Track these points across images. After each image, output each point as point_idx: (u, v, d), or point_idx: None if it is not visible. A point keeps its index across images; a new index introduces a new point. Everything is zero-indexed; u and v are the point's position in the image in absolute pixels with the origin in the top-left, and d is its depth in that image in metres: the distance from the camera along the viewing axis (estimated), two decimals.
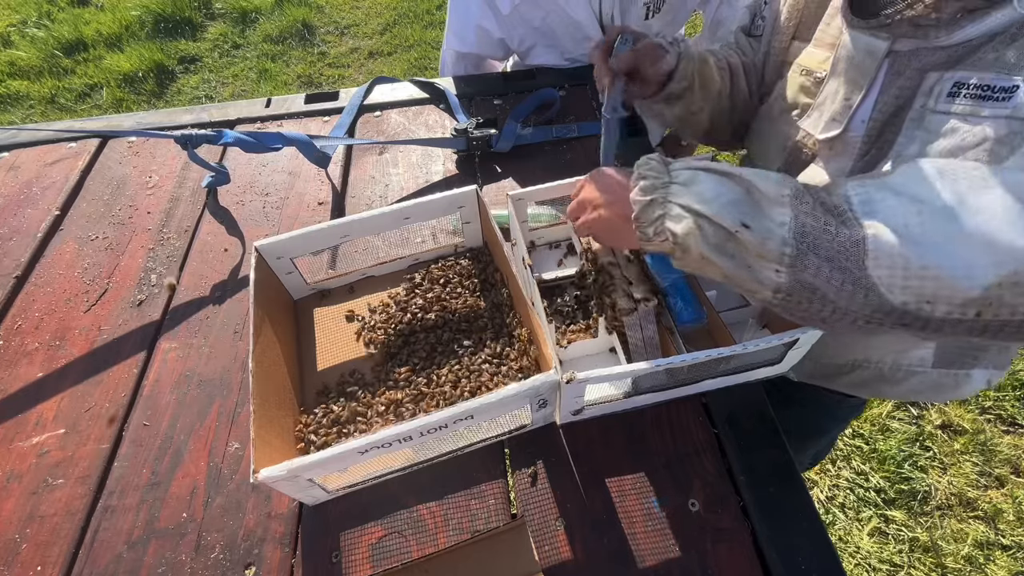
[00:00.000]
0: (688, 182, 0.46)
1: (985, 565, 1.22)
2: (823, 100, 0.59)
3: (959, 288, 0.37)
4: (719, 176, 0.46)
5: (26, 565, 0.54)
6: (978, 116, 0.45)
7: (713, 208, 0.44)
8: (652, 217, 0.47)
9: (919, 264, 0.38)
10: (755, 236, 0.42)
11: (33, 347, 0.70)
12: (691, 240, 0.45)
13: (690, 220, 0.45)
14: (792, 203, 0.42)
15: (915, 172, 0.41)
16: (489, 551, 0.51)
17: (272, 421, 0.53)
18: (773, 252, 0.42)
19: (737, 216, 0.43)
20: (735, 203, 0.44)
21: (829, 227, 0.41)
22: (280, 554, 0.54)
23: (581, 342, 0.63)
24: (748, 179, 0.45)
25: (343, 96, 1.01)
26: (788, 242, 0.41)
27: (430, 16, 2.77)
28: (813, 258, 0.41)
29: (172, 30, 2.76)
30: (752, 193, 0.44)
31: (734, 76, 0.72)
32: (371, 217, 0.64)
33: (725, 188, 0.45)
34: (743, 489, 0.56)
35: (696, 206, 0.44)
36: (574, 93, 1.01)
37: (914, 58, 0.50)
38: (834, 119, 0.57)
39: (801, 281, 0.42)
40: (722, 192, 0.44)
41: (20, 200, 0.88)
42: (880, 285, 0.39)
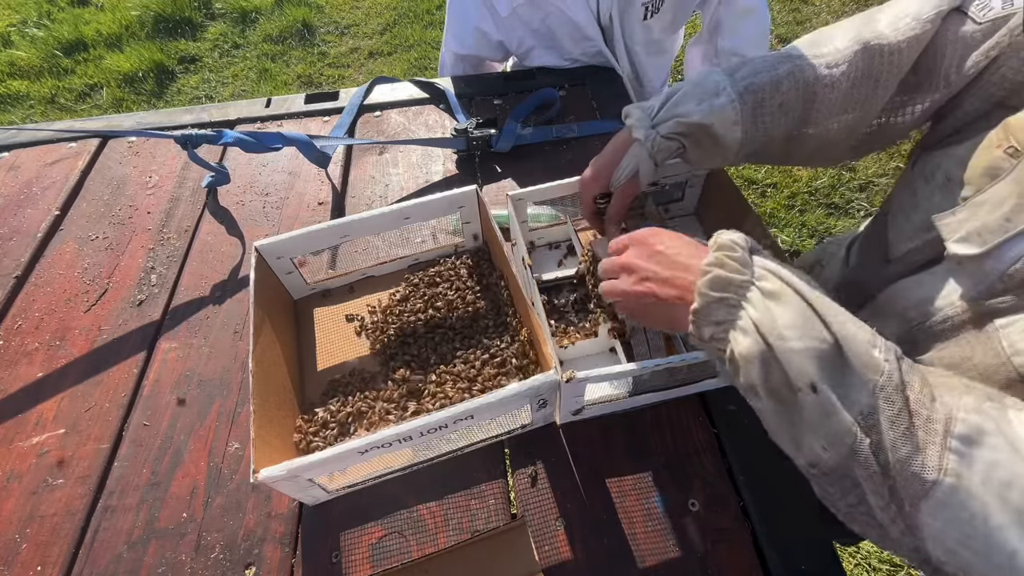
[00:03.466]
0: (772, 295, 0.37)
1: None
2: (984, 201, 0.42)
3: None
4: (810, 311, 0.36)
5: (26, 565, 0.54)
6: None
7: (786, 347, 0.35)
8: (715, 319, 0.39)
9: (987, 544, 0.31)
10: (819, 406, 0.34)
11: (33, 347, 0.70)
12: (750, 368, 0.37)
13: (756, 343, 0.36)
14: (881, 393, 0.34)
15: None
16: (489, 551, 0.51)
17: (272, 421, 0.53)
18: (832, 434, 0.34)
19: (810, 374, 0.35)
20: (815, 356, 0.35)
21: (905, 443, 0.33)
22: (280, 554, 0.54)
23: (581, 342, 0.63)
24: (844, 332, 0.35)
25: (343, 96, 1.01)
26: (852, 432, 0.33)
27: (430, 16, 2.77)
28: (873, 463, 0.33)
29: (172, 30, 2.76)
30: (841, 353, 0.35)
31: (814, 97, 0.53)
32: (371, 217, 0.64)
33: (812, 331, 0.35)
34: (743, 489, 0.56)
35: (769, 336, 0.36)
36: (574, 93, 1.01)
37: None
38: (979, 234, 0.41)
39: (848, 474, 0.35)
40: (806, 334, 0.35)
41: (20, 200, 0.88)
42: (925, 531, 0.32)
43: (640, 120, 0.56)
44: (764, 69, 0.54)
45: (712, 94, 0.54)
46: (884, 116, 0.55)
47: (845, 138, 0.56)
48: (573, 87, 1.02)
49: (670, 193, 0.75)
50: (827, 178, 1.92)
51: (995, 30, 0.46)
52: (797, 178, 1.95)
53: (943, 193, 0.47)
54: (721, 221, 0.71)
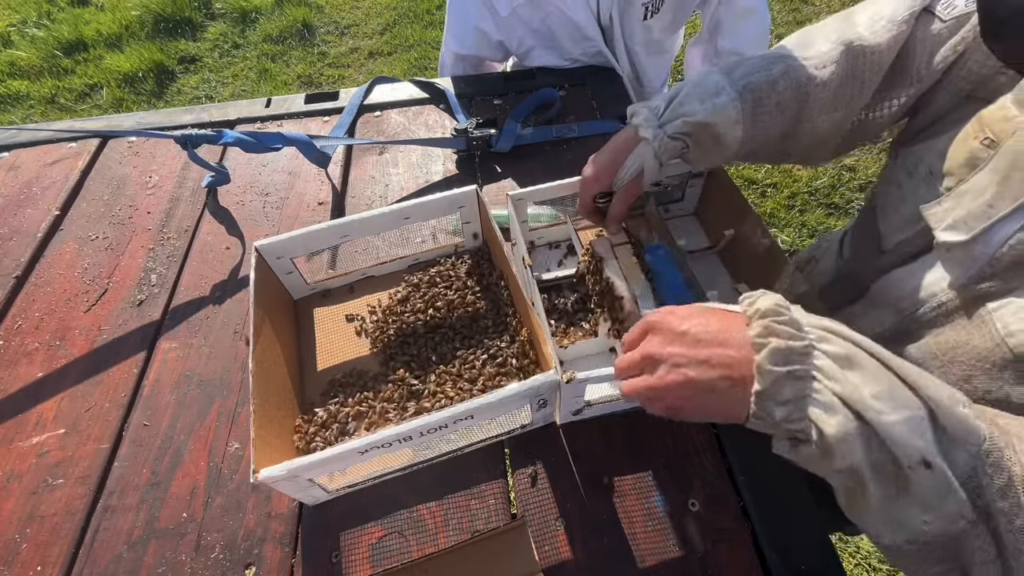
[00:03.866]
0: (845, 361, 0.33)
1: None
2: (966, 190, 0.43)
3: None
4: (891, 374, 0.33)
5: (26, 565, 0.54)
6: None
7: (887, 422, 0.31)
8: (784, 397, 0.34)
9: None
10: (935, 484, 0.31)
11: (33, 347, 0.70)
12: (850, 448, 0.32)
13: (849, 420, 0.32)
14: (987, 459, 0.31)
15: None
16: (489, 551, 0.51)
17: (272, 421, 0.53)
18: (947, 513, 0.31)
19: (920, 449, 0.31)
20: (918, 429, 0.31)
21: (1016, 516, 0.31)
22: (280, 554, 0.54)
23: (581, 342, 0.63)
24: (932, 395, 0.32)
25: (343, 96, 1.01)
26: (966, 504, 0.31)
27: (430, 16, 2.77)
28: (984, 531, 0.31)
29: (172, 30, 2.76)
30: (937, 420, 0.32)
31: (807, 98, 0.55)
32: (371, 217, 0.64)
33: (903, 397, 0.32)
34: (743, 489, 0.56)
35: (861, 409, 0.32)
36: (574, 93, 1.01)
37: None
38: (964, 222, 0.43)
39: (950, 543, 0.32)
40: (902, 405, 0.31)
41: (20, 200, 0.88)
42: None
43: (648, 120, 0.56)
44: (759, 69, 0.55)
45: (713, 94, 0.55)
46: (865, 112, 0.57)
47: (832, 135, 0.59)
48: (573, 87, 1.02)
49: (670, 194, 0.75)
50: (827, 178, 1.92)
51: (960, 27, 0.49)
52: (797, 178, 1.95)
53: (927, 185, 0.49)
54: (721, 221, 0.71)
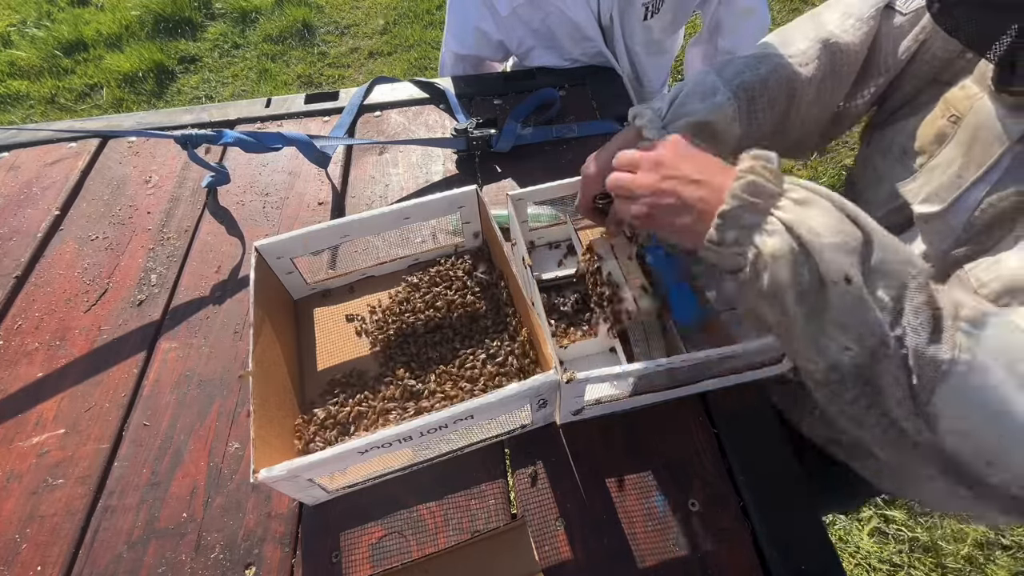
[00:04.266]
0: (803, 202, 0.38)
1: (985, 565, 1.22)
2: (936, 164, 0.48)
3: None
4: (840, 213, 0.37)
5: (26, 565, 0.54)
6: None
7: (821, 244, 0.36)
8: (743, 223, 0.39)
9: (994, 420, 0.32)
10: (852, 299, 0.35)
11: (33, 347, 0.70)
12: (779, 266, 0.37)
13: (787, 242, 0.37)
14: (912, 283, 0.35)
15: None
16: (489, 551, 0.51)
17: (272, 421, 0.53)
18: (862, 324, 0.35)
19: (844, 266, 0.35)
20: (849, 249, 0.36)
21: (923, 329, 0.34)
22: (280, 554, 0.54)
23: (581, 342, 0.63)
24: (873, 228, 0.37)
25: (343, 96, 1.01)
26: (881, 323, 0.34)
27: (430, 16, 2.77)
28: (898, 355, 0.35)
29: (172, 30, 2.76)
30: (872, 249, 0.36)
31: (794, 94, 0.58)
32: (371, 217, 0.64)
33: (845, 228, 0.36)
34: (743, 489, 0.56)
35: (802, 232, 0.36)
36: (574, 93, 1.01)
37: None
38: (938, 194, 0.47)
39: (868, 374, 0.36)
40: (841, 231, 0.36)
41: (20, 200, 0.88)
42: (942, 420, 0.34)
43: (652, 121, 0.57)
44: (748, 68, 0.58)
45: (711, 93, 0.56)
46: (841, 104, 0.62)
47: (815, 128, 0.62)
48: (573, 87, 1.02)
49: None
50: (827, 178, 1.92)
51: (919, 18, 0.53)
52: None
53: (901, 164, 0.52)
54: None
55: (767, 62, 0.57)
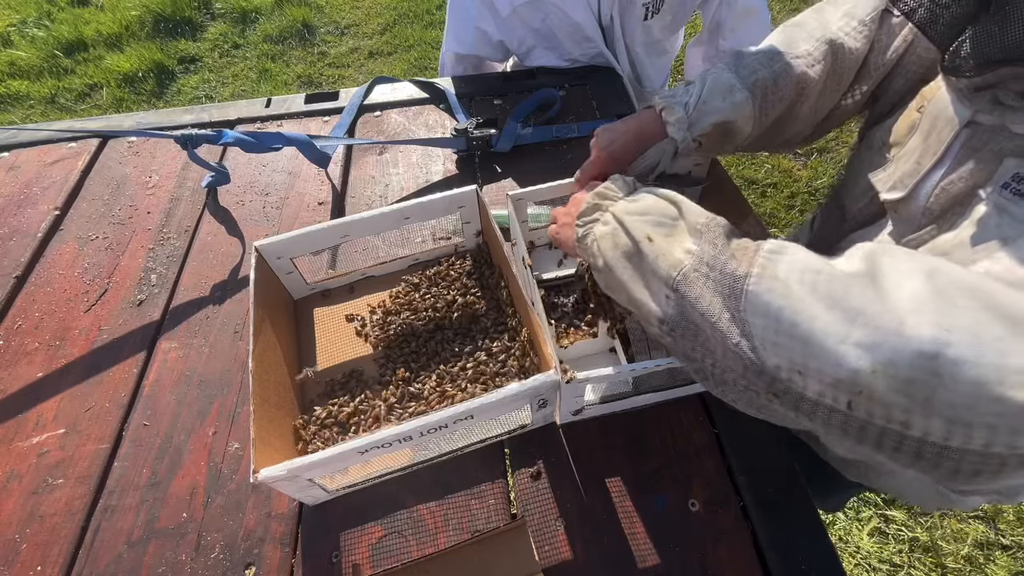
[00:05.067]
0: (631, 199, 0.48)
1: (985, 565, 1.22)
2: (904, 153, 0.50)
3: (829, 362, 0.33)
4: (658, 197, 0.47)
5: (26, 565, 0.54)
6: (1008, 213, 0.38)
7: (632, 217, 0.46)
8: (588, 216, 0.50)
9: (791, 320, 0.34)
10: (655, 250, 0.43)
11: (33, 347, 0.70)
12: (605, 243, 0.47)
13: (610, 224, 0.47)
14: (708, 230, 0.42)
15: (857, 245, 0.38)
16: (489, 551, 0.51)
17: (272, 421, 0.53)
18: (663, 271, 0.42)
19: (648, 228, 0.44)
20: (656, 218, 0.45)
21: (723, 254, 0.40)
22: (280, 554, 0.54)
23: (581, 342, 0.63)
24: (683, 205, 0.45)
25: (343, 96, 1.01)
26: (681, 265, 0.41)
27: (430, 16, 2.77)
28: (699, 284, 0.40)
29: (172, 30, 2.76)
30: (679, 215, 0.45)
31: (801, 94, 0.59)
32: (371, 217, 0.64)
33: (657, 205, 0.46)
34: (743, 489, 0.56)
35: (621, 216, 0.47)
36: (574, 93, 1.01)
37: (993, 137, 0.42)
38: (902, 181, 0.49)
39: (685, 314, 0.41)
40: (650, 207, 0.46)
41: (20, 200, 0.88)
42: (755, 333, 0.36)
43: (680, 121, 0.58)
44: (760, 67, 0.58)
45: (729, 91, 0.57)
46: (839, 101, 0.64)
47: (808, 126, 0.64)
48: (573, 87, 1.02)
49: None
50: (827, 178, 1.92)
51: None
52: (797, 178, 1.95)
53: (879, 156, 0.55)
54: None
55: (778, 61, 0.58)
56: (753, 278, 0.37)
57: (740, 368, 0.38)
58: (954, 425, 0.30)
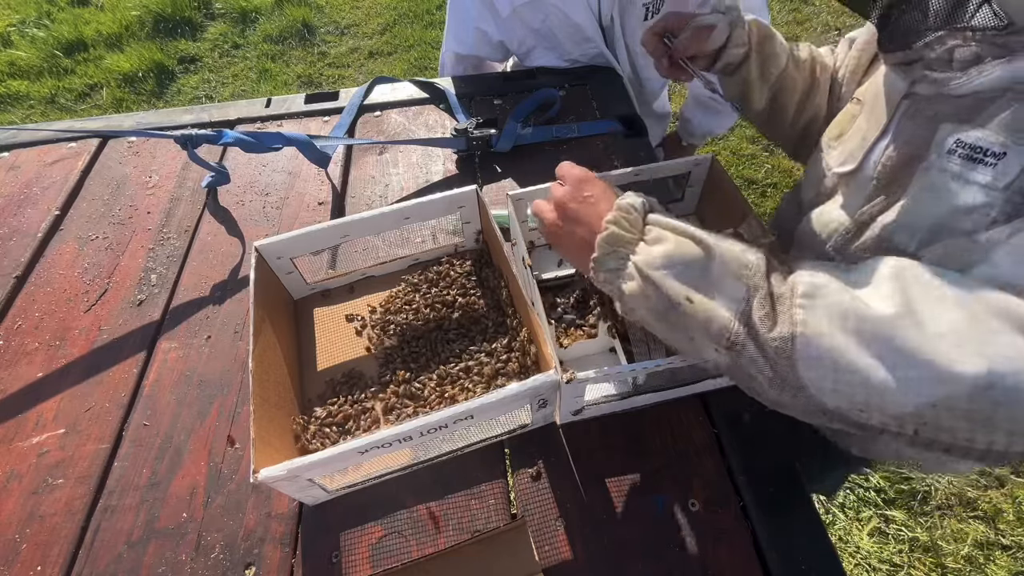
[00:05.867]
0: (655, 240, 0.44)
1: (985, 565, 1.22)
2: (852, 133, 0.56)
3: (891, 403, 0.35)
4: (683, 238, 0.44)
5: (26, 565, 0.54)
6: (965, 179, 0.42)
7: (662, 274, 0.43)
8: (608, 267, 0.46)
9: (847, 370, 0.36)
10: (699, 311, 0.41)
11: (33, 347, 0.70)
12: (636, 301, 0.44)
13: (638, 284, 0.44)
14: (750, 280, 0.40)
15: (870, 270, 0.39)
16: (489, 551, 0.51)
17: (272, 421, 0.53)
18: (715, 331, 0.41)
19: (684, 287, 0.42)
20: (687, 270, 0.42)
21: (767, 318, 0.39)
22: (280, 554, 0.54)
23: (581, 342, 0.63)
24: (714, 242, 0.43)
25: (343, 96, 1.01)
26: (731, 325, 0.40)
27: (430, 16, 2.77)
28: (751, 346, 0.40)
29: (172, 30, 2.76)
30: (711, 261, 0.42)
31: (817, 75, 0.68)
32: (371, 217, 0.64)
33: (684, 250, 0.43)
34: (743, 489, 0.56)
35: (647, 270, 0.43)
36: (574, 93, 1.01)
37: (929, 105, 0.46)
38: (852, 155, 0.54)
39: (740, 367, 0.41)
40: (673, 253, 0.43)
41: (20, 200, 0.88)
42: (810, 386, 0.38)
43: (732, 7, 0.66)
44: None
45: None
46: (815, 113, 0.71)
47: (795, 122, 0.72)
48: (573, 87, 1.02)
49: (671, 193, 0.75)
50: None
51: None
52: (797, 178, 1.95)
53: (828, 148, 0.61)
54: (721, 221, 0.71)
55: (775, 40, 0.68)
56: (799, 339, 0.37)
57: (800, 408, 0.40)
58: (1015, 436, 0.34)
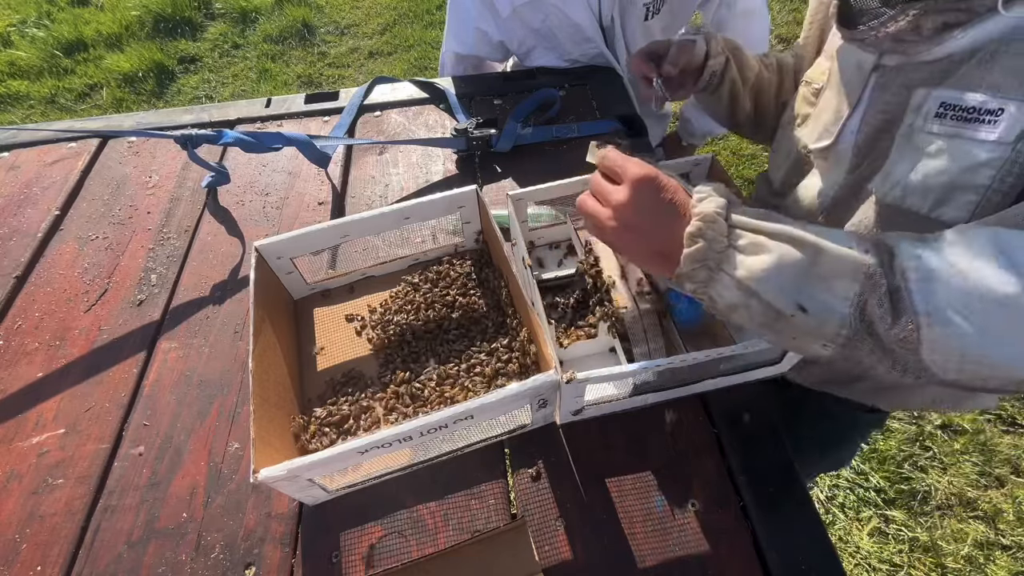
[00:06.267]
0: (748, 249, 0.40)
1: (985, 565, 1.22)
2: (820, 110, 0.59)
3: (1015, 372, 0.36)
4: (783, 244, 0.40)
5: (26, 565, 0.54)
6: (963, 138, 0.44)
7: (768, 287, 0.39)
8: (697, 279, 0.42)
9: (978, 354, 0.36)
10: (812, 319, 0.39)
11: (33, 347, 0.70)
12: (736, 314, 0.42)
13: (738, 296, 0.40)
14: (869, 282, 0.38)
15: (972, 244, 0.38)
16: (489, 551, 0.51)
17: (272, 421, 0.53)
18: (829, 333, 0.39)
19: (794, 297, 0.39)
20: (795, 278, 0.39)
21: (887, 315, 0.38)
22: (280, 554, 0.54)
23: (581, 342, 0.63)
24: (817, 243, 0.39)
25: (343, 96, 1.01)
26: (847, 323, 0.38)
27: (430, 16, 2.77)
28: (868, 341, 0.38)
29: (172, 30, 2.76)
30: (819, 260, 0.39)
31: (783, 74, 0.75)
32: (371, 217, 0.64)
33: (788, 259, 0.39)
34: (743, 489, 0.56)
35: (750, 284, 0.40)
36: (574, 93, 1.01)
37: (900, 74, 0.49)
38: (827, 130, 0.58)
39: (848, 356, 0.40)
40: (784, 266, 0.39)
41: (20, 200, 0.88)
42: (933, 367, 0.38)
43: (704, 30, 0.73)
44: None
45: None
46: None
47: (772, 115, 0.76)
48: (573, 87, 1.02)
49: None
50: None
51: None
52: None
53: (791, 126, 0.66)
54: None
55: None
56: (924, 331, 0.37)
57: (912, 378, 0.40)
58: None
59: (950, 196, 0.46)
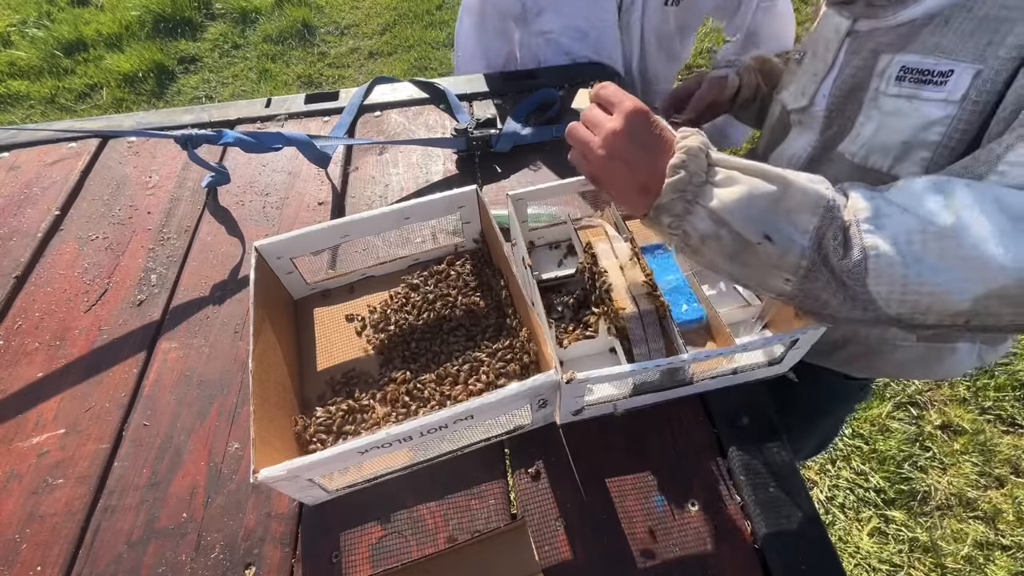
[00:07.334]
0: (722, 183, 0.43)
1: (985, 565, 1.22)
2: (801, 74, 0.64)
3: (952, 302, 0.39)
4: (755, 177, 0.43)
5: (26, 565, 0.54)
6: (919, 99, 0.49)
7: (738, 217, 0.42)
8: (675, 211, 0.44)
9: (917, 282, 0.40)
10: (776, 248, 0.42)
11: (33, 347, 0.70)
12: (707, 245, 0.44)
13: (711, 226, 0.43)
14: (825, 212, 0.42)
15: (917, 189, 0.42)
16: (489, 551, 0.51)
17: (272, 421, 0.53)
18: (790, 264, 0.42)
19: (761, 227, 0.42)
20: (763, 209, 0.42)
21: (840, 247, 0.42)
22: (280, 554, 0.54)
23: (581, 342, 0.63)
24: (787, 177, 0.43)
25: (343, 96, 1.01)
26: (806, 254, 0.42)
27: (430, 16, 2.77)
28: (824, 272, 0.42)
29: (172, 30, 2.76)
30: (786, 194, 0.42)
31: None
32: (371, 217, 0.64)
33: (759, 190, 0.42)
34: (743, 489, 0.56)
35: (722, 214, 0.43)
36: (574, 93, 1.01)
37: (870, 38, 0.53)
38: (803, 92, 0.62)
39: (807, 291, 0.43)
40: (754, 197, 0.42)
41: (20, 200, 0.88)
42: (879, 299, 0.41)
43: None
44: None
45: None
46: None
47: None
48: (573, 87, 1.02)
49: None
50: None
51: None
52: None
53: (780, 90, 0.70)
54: None
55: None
56: (871, 260, 0.40)
57: (861, 317, 0.43)
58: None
59: (907, 154, 0.51)
